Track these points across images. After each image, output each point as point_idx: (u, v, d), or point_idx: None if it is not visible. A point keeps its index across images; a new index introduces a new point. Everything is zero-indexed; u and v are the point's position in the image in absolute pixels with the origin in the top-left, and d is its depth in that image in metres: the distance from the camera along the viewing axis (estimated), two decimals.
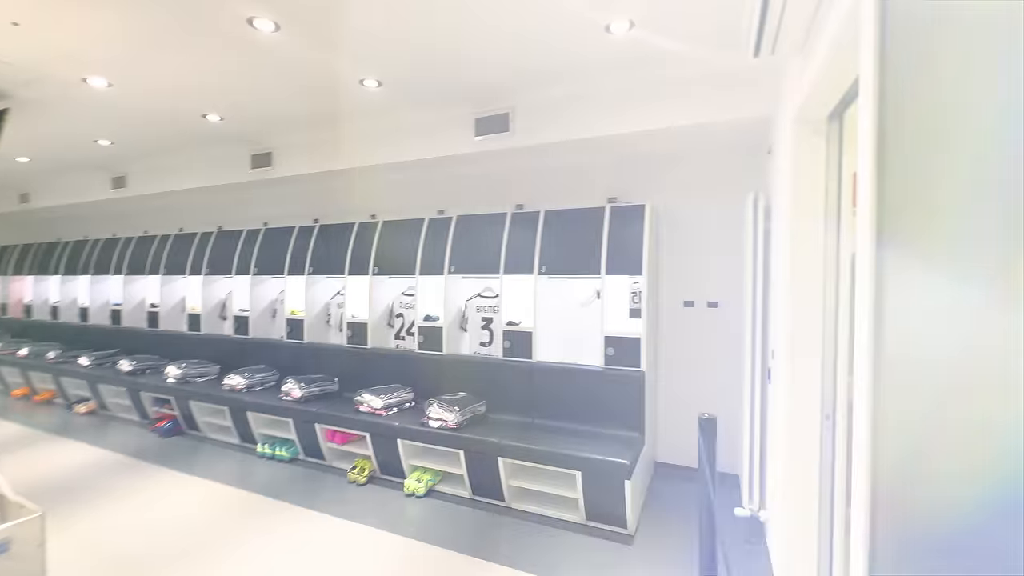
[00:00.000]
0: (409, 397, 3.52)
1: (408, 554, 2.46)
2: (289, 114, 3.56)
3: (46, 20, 2.34)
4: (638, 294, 3.28)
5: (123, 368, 4.58)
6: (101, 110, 3.54)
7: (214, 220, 5.49)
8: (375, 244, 3.97)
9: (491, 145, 3.38)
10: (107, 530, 2.69)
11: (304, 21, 2.29)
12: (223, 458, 3.75)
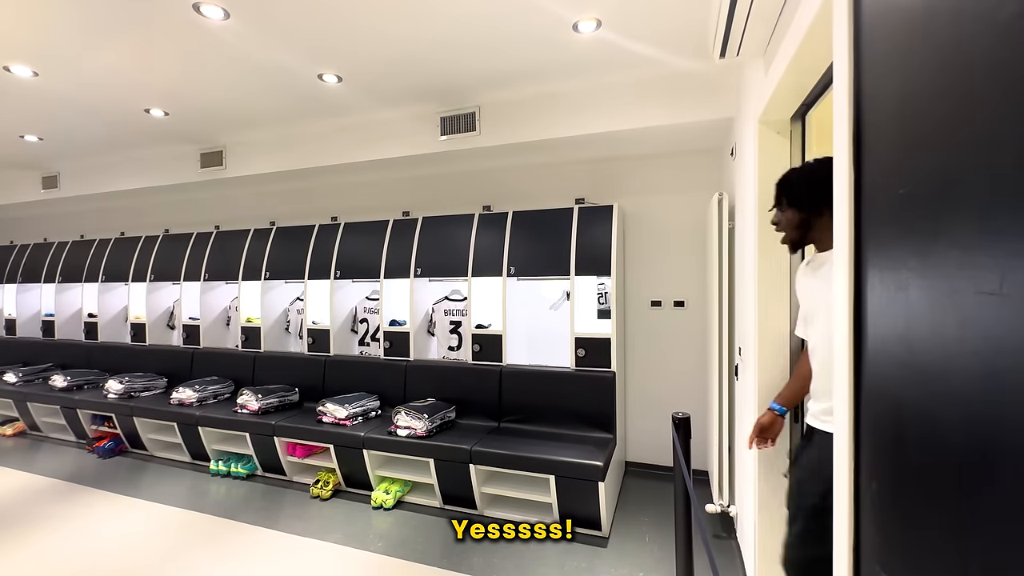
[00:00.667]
0: (375, 406, 3.40)
1: (378, 571, 2.35)
2: (242, 110, 3.37)
3: None
4: (606, 295, 3.30)
5: (56, 384, 4.21)
6: (27, 102, 3.24)
7: (160, 223, 5.16)
8: (337, 247, 3.82)
9: (457, 145, 3.31)
10: (42, 563, 2.44)
11: (256, 8, 2.15)
12: (172, 478, 3.49)
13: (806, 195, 1.37)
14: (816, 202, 1.34)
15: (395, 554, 2.47)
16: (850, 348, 0.88)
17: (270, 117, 3.51)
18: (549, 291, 3.56)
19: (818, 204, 1.33)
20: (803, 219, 1.38)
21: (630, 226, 3.53)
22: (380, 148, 3.54)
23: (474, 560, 2.40)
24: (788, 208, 1.40)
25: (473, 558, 2.42)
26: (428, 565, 2.37)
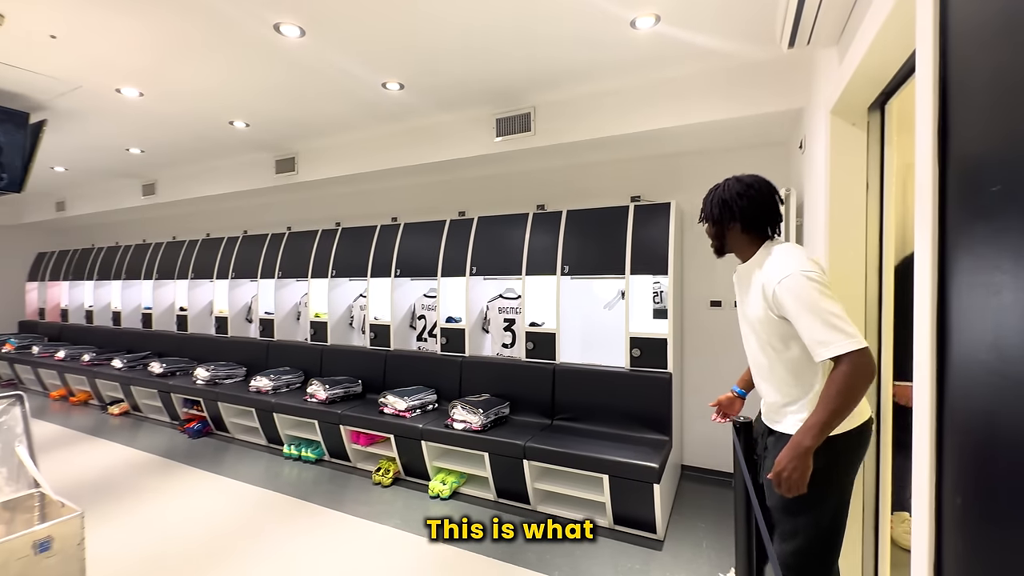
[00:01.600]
0: (432, 399, 3.53)
1: (433, 557, 2.45)
2: (313, 119, 3.61)
3: (81, 32, 2.41)
4: (662, 294, 3.23)
5: (154, 370, 4.70)
6: (133, 119, 3.64)
7: (240, 224, 5.61)
8: (397, 246, 3.99)
9: (512, 145, 3.36)
10: (141, 529, 2.75)
11: (329, 25, 2.31)
12: (251, 459, 3.81)
13: (716, 213, 1.50)
14: (723, 219, 1.49)
15: (452, 543, 2.56)
16: (932, 355, 0.83)
17: (337, 124, 3.73)
18: (603, 290, 3.53)
19: (725, 220, 1.49)
20: (717, 232, 1.54)
21: (689, 224, 3.43)
22: (438, 151, 3.66)
23: (528, 555, 2.44)
24: (710, 222, 1.55)
25: (527, 553, 2.45)
26: (483, 555, 2.44)
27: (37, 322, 7.26)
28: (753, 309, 1.44)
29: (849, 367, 1.18)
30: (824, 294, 1.26)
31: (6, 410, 2.44)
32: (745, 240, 1.48)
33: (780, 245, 1.45)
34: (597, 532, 2.61)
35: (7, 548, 1.96)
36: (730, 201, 1.46)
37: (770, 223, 1.47)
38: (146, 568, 2.38)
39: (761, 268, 1.41)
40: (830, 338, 1.21)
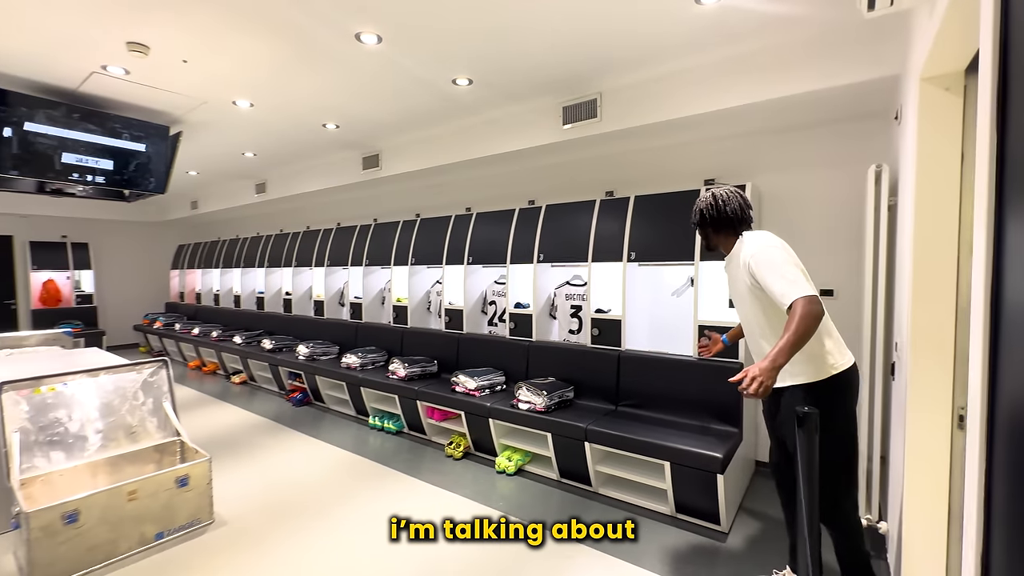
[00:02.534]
0: (501, 380, 3.69)
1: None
2: (392, 117, 3.90)
3: (205, 55, 2.84)
4: None
5: (265, 346, 5.40)
6: (246, 127, 4.18)
7: (334, 217, 6.19)
8: (470, 235, 4.20)
9: (579, 132, 3.38)
10: (254, 477, 3.24)
11: (402, 31, 2.50)
12: (342, 427, 4.27)
13: (696, 220, 2.00)
14: (703, 224, 1.98)
15: (514, 513, 2.71)
16: (985, 337, 0.78)
17: (414, 121, 3.99)
18: (672, 277, 3.45)
19: (705, 226, 1.98)
20: (703, 233, 2.02)
21: (767, 207, 3.23)
22: (507, 141, 3.77)
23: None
24: (698, 228, 2.02)
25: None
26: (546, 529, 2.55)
27: (178, 304, 8.60)
28: (741, 284, 1.83)
29: (798, 309, 1.55)
30: (783, 259, 1.69)
31: (156, 372, 2.98)
32: (723, 237, 1.95)
33: (749, 233, 1.89)
34: (639, 530, 2.61)
35: (158, 480, 2.42)
36: (705, 212, 1.94)
37: (738, 224, 1.92)
38: (256, 508, 2.80)
39: (740, 253, 1.84)
40: (787, 291, 1.61)
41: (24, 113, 3.25)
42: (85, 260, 8.17)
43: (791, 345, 1.53)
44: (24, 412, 2.49)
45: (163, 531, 2.42)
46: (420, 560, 2.29)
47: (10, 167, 3.30)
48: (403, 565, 2.26)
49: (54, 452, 2.53)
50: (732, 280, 1.94)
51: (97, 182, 3.75)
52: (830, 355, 1.75)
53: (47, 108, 3.34)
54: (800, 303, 1.56)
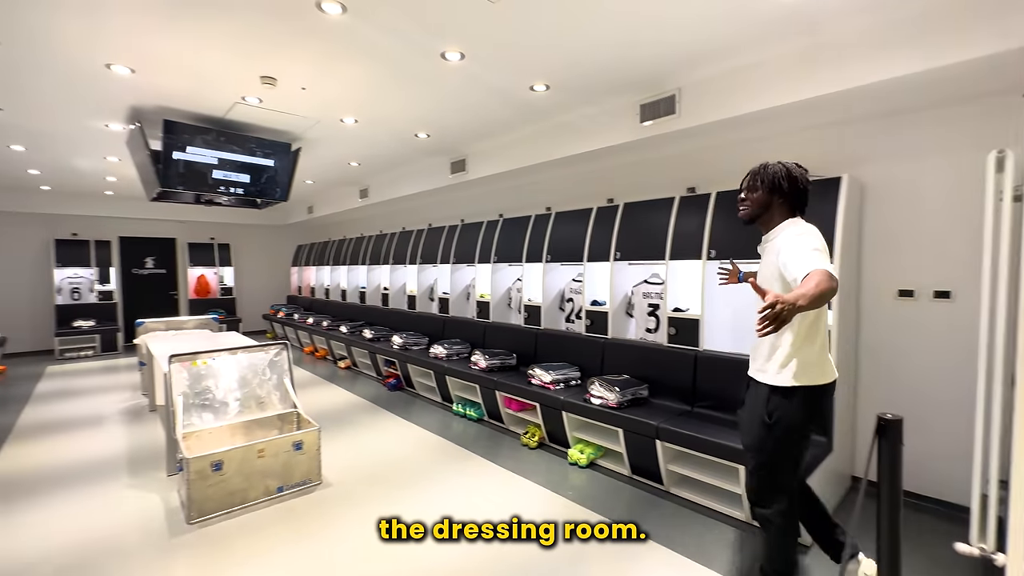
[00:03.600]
0: (576, 375, 3.79)
1: (569, 515, 2.71)
2: (476, 124, 4.15)
3: (318, 82, 3.29)
4: None
5: (366, 336, 6.01)
6: (351, 140, 4.71)
7: (425, 219, 6.68)
8: (548, 233, 4.33)
9: (657, 129, 3.35)
10: (354, 449, 3.68)
11: (483, 46, 2.71)
12: (429, 411, 4.65)
13: (773, 184, 1.80)
14: (774, 191, 1.80)
15: (584, 504, 2.80)
16: None
17: (496, 127, 4.21)
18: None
19: (776, 194, 1.80)
20: (765, 201, 1.81)
21: (869, 200, 2.95)
22: (585, 142, 3.84)
23: (659, 530, 2.51)
24: (760, 190, 1.82)
25: (658, 528, 2.53)
26: (616, 522, 2.61)
27: (297, 296, 9.81)
28: (772, 268, 1.75)
29: (817, 273, 1.47)
30: (814, 246, 1.63)
31: (279, 353, 3.51)
32: (777, 214, 1.82)
33: (799, 221, 1.80)
34: (734, 523, 2.55)
35: (279, 443, 2.88)
36: (786, 179, 1.79)
37: (801, 207, 1.83)
38: (356, 475, 3.20)
39: (780, 235, 1.77)
40: (808, 263, 1.55)
41: (187, 139, 4.01)
42: (227, 258, 9.66)
43: (814, 296, 1.41)
44: (185, 380, 3.10)
45: (283, 485, 2.88)
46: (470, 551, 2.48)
47: (177, 184, 4.08)
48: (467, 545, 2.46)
49: (205, 413, 3.13)
50: (764, 264, 1.85)
51: (237, 193, 4.48)
52: (817, 367, 1.77)
53: (202, 134, 4.08)
54: (819, 270, 1.48)
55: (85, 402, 5.04)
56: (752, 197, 1.84)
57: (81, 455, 3.58)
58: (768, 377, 1.81)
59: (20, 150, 5.06)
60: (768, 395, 1.79)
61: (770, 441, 1.80)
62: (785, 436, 1.78)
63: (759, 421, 1.81)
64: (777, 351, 1.79)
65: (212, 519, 2.62)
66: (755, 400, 1.85)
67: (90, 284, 8.10)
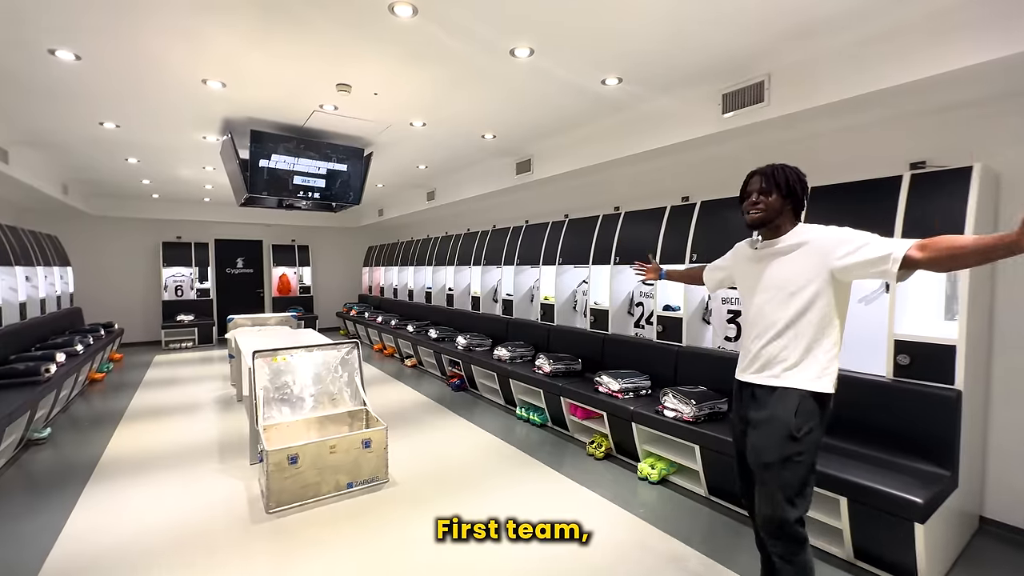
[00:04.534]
0: (646, 384, 3.58)
1: (639, 532, 2.55)
2: (543, 122, 4.06)
3: (389, 88, 3.35)
4: (955, 286, 2.47)
5: (432, 335, 6.12)
6: (419, 143, 4.80)
7: (490, 220, 6.69)
8: (617, 234, 4.14)
9: (742, 120, 3.07)
10: (419, 447, 3.72)
11: (553, 40, 2.60)
12: (492, 414, 4.62)
13: (795, 191, 1.70)
14: (790, 195, 1.69)
15: (657, 524, 2.61)
16: None
17: (564, 124, 4.09)
18: (862, 281, 2.90)
19: (790, 197, 1.70)
20: (779, 205, 1.69)
21: (1006, 192, 2.51)
22: (659, 136, 3.62)
23: (741, 560, 2.29)
24: (775, 195, 1.69)
25: (740, 557, 2.31)
26: (689, 546, 2.41)
27: (368, 295, 10.25)
28: (797, 273, 1.62)
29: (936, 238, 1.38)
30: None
31: (350, 351, 3.61)
32: (788, 219, 1.72)
33: (812, 224, 1.68)
34: (831, 562, 2.26)
35: (350, 440, 2.95)
36: (799, 184, 1.72)
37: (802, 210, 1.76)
38: (421, 474, 3.21)
39: (805, 239, 1.64)
40: (892, 244, 1.45)
41: (271, 148, 4.27)
42: (306, 259, 10.30)
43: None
44: (266, 374, 3.28)
45: (352, 481, 2.95)
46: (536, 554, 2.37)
47: (262, 189, 4.36)
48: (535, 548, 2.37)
49: (283, 407, 3.28)
50: (771, 269, 1.70)
51: (315, 197, 4.71)
52: (831, 372, 1.63)
53: (284, 142, 4.32)
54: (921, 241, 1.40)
55: (184, 390, 5.54)
56: (767, 201, 1.70)
57: (179, 439, 3.92)
58: (803, 381, 1.61)
59: (135, 163, 5.66)
60: (799, 405, 1.60)
61: (800, 457, 1.60)
62: (814, 450, 1.63)
63: (785, 433, 1.59)
64: (819, 350, 1.61)
65: (288, 510, 2.73)
66: (783, 414, 1.61)
67: (190, 282, 8.97)
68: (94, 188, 7.43)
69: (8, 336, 4.49)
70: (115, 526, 2.60)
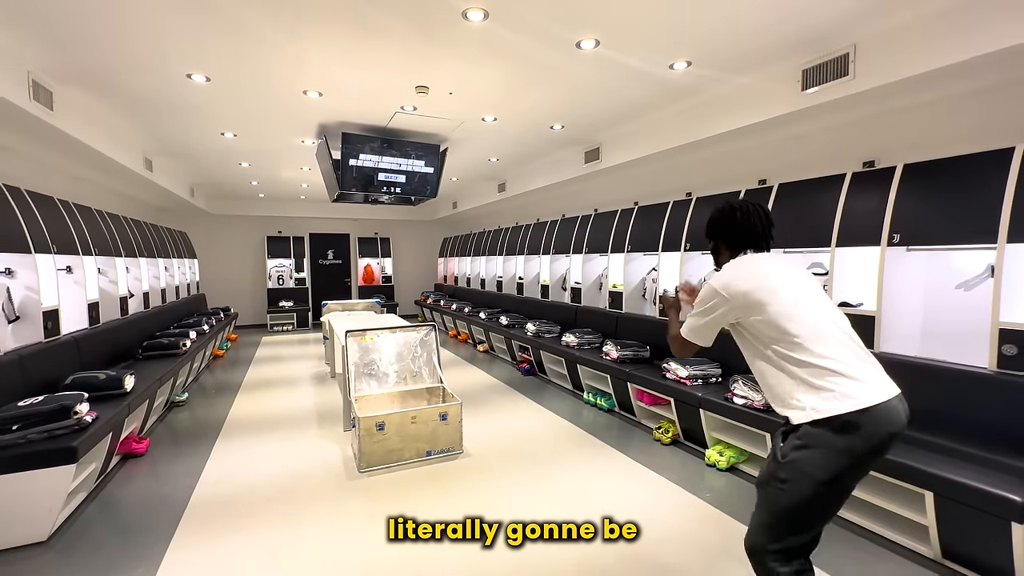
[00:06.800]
0: (716, 372, 3.53)
1: (707, 515, 2.57)
2: (610, 111, 4.08)
3: (463, 87, 3.56)
4: None
5: (503, 322, 6.37)
6: (491, 137, 5.01)
7: (559, 209, 6.78)
8: (688, 220, 4.07)
9: (825, 96, 2.90)
10: (490, 425, 3.96)
11: (617, 31, 2.65)
12: (560, 398, 4.76)
13: (713, 228, 1.71)
14: (710, 235, 1.72)
15: (724, 509, 2.62)
16: None
17: (632, 111, 4.08)
18: (961, 264, 2.67)
19: (714, 238, 1.71)
20: (716, 247, 1.72)
21: None
22: (732, 119, 3.50)
23: (818, 553, 2.24)
24: (709, 239, 1.74)
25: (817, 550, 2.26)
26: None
27: (443, 284, 10.79)
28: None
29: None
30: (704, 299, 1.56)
31: (428, 334, 3.92)
32: (726, 258, 1.66)
33: (734, 260, 1.61)
34: (916, 560, 2.14)
35: (429, 412, 3.24)
36: (717, 224, 1.69)
37: (743, 241, 1.62)
38: (493, 449, 3.44)
39: None
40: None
41: (359, 148, 4.69)
42: (387, 250, 11.04)
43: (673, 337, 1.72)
44: (356, 352, 3.68)
45: (431, 450, 3.25)
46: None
47: (350, 186, 4.81)
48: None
49: (371, 381, 3.67)
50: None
51: (396, 192, 5.10)
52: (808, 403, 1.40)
53: (370, 142, 4.73)
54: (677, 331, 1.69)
55: (288, 366, 6.28)
56: (711, 248, 1.77)
57: (286, 406, 4.50)
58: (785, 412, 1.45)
59: (246, 166, 6.45)
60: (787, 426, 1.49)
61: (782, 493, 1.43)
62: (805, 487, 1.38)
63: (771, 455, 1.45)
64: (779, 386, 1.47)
65: (376, 471, 3.08)
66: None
67: (290, 272, 10.01)
68: (214, 190, 8.55)
69: (155, 316, 5.38)
70: (240, 474, 3.10)
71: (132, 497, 2.84)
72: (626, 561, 2.19)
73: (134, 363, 4.18)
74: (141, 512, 2.66)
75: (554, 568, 2.14)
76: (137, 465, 3.27)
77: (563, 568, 2.14)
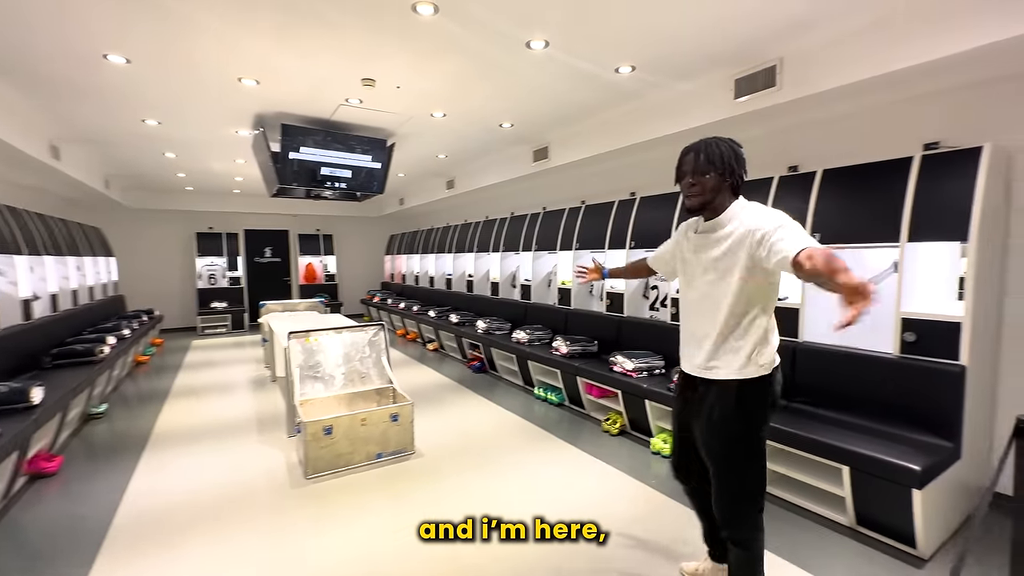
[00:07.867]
0: (660, 364, 3.70)
1: (651, 500, 2.70)
2: (559, 111, 4.16)
3: (411, 81, 3.50)
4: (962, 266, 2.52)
5: (452, 320, 6.32)
6: (440, 134, 4.95)
7: (508, 207, 6.82)
8: (632, 219, 4.24)
9: (754, 104, 3.13)
10: (441, 424, 3.93)
11: (567, 33, 2.71)
12: (511, 394, 4.81)
13: (733, 167, 1.59)
14: (726, 173, 1.58)
15: (667, 493, 2.77)
16: None
17: (579, 112, 4.19)
18: (871, 262, 2.96)
19: (727, 176, 1.58)
20: (716, 185, 1.59)
21: (1020, 174, 2.52)
22: (673, 122, 3.68)
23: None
24: (712, 173, 1.58)
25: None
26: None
27: (390, 283, 10.53)
28: (731, 260, 1.55)
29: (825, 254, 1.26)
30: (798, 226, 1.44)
31: (376, 334, 3.83)
32: (727, 197, 1.61)
33: (750, 203, 1.61)
34: (836, 528, 2.38)
35: (379, 414, 3.16)
36: (736, 160, 1.60)
37: (741, 186, 1.64)
38: (445, 448, 3.42)
39: (741, 220, 1.55)
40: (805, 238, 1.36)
41: (300, 140, 4.47)
42: (331, 247, 10.63)
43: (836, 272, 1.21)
44: (300, 354, 3.52)
45: (382, 452, 3.18)
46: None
47: (291, 181, 4.58)
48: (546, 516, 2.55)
49: (316, 384, 3.52)
50: (705, 249, 1.63)
51: (340, 188, 4.91)
52: (771, 347, 1.62)
53: (312, 135, 4.52)
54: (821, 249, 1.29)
55: (222, 371, 5.89)
56: (702, 181, 1.59)
57: (221, 415, 4.22)
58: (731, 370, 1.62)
59: (172, 157, 5.97)
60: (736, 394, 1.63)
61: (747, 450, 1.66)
62: (760, 436, 1.67)
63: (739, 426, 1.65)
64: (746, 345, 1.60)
65: (324, 476, 2.97)
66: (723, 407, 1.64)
67: (223, 271, 9.38)
68: (133, 182, 7.83)
69: (64, 320, 4.86)
70: (172, 489, 2.89)
71: (42, 521, 2.56)
72: (580, 556, 2.25)
73: (41, 373, 3.77)
74: (54, 537, 2.41)
75: (521, 566, 2.17)
76: (48, 485, 2.95)
77: (528, 564, 2.17)
